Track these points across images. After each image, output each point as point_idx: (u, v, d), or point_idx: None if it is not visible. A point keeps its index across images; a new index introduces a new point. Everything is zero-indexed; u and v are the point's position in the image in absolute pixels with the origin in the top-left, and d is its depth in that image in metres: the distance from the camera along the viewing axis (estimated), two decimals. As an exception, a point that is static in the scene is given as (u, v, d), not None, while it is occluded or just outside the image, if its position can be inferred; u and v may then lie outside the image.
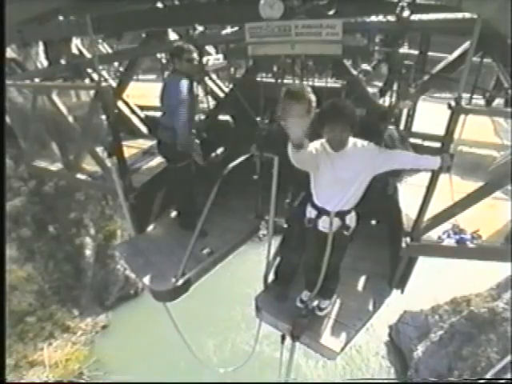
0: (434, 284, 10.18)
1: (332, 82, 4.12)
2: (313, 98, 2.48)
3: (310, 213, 2.66)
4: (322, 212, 2.59)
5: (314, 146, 2.47)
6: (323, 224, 2.61)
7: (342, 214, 2.56)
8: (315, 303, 3.10)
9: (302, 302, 3.14)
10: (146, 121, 5.40)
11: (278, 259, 3.46)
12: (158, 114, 3.93)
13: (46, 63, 5.77)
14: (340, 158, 2.38)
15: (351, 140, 2.38)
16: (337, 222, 2.57)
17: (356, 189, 2.49)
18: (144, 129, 5.28)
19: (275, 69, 3.99)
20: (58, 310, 10.06)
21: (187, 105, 3.34)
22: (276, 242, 3.47)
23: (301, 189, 2.78)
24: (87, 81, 4.94)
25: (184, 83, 3.36)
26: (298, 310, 3.09)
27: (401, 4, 2.98)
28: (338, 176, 2.45)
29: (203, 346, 9.94)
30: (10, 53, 5.41)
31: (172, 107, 3.38)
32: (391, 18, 3.17)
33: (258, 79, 4.39)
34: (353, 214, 2.62)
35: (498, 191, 2.85)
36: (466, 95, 3.39)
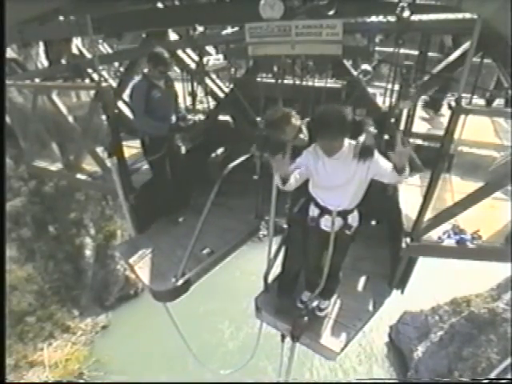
0: (434, 284, 10.17)
1: (332, 83, 4.12)
2: (294, 125, 2.57)
3: (313, 211, 2.65)
4: (324, 211, 2.59)
5: (308, 150, 2.47)
6: (325, 223, 2.61)
7: (344, 214, 2.56)
8: (315, 304, 3.10)
9: (302, 302, 3.14)
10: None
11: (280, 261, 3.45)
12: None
13: (46, 63, 5.77)
14: (334, 162, 2.37)
15: (346, 142, 2.35)
16: (339, 221, 2.57)
17: (356, 190, 2.48)
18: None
19: (275, 69, 3.98)
20: (57, 310, 10.05)
21: (143, 103, 3.56)
22: (276, 243, 3.46)
23: (300, 195, 2.77)
24: (87, 81, 4.94)
25: (143, 86, 3.57)
26: (298, 311, 3.08)
27: (401, 4, 2.98)
28: (334, 179, 2.44)
29: (218, 332, 10.33)
30: (10, 53, 5.42)
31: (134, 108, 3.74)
32: (391, 19, 3.17)
33: (258, 79, 4.39)
34: (355, 213, 2.61)
35: (498, 191, 2.85)
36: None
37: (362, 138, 2.33)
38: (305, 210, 2.72)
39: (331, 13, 3.16)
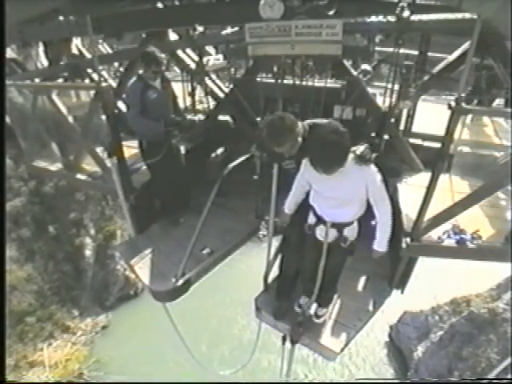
0: (434, 284, 10.17)
1: (332, 83, 4.12)
2: (296, 139, 2.38)
3: (311, 219, 2.63)
4: (320, 220, 2.55)
5: (305, 162, 2.40)
6: (320, 232, 2.58)
7: (339, 226, 2.51)
8: (312, 310, 3.07)
9: (300, 306, 3.11)
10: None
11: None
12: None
13: (46, 63, 5.77)
14: (334, 178, 2.23)
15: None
16: (333, 232, 2.53)
17: (353, 205, 2.42)
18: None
19: (275, 69, 3.98)
20: (57, 310, 10.04)
21: (138, 104, 3.51)
22: (276, 243, 3.46)
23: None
24: (87, 81, 4.94)
25: (137, 87, 3.52)
26: (296, 315, 3.07)
27: (401, 4, 2.98)
28: (331, 195, 2.40)
29: (231, 321, 10.58)
30: (10, 53, 5.42)
31: (130, 109, 3.64)
32: (391, 19, 3.17)
33: (258, 79, 4.39)
34: (354, 225, 2.54)
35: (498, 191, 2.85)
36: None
37: (360, 149, 2.28)
38: (302, 214, 2.70)
39: (331, 13, 3.16)
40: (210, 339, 10.02)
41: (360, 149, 2.25)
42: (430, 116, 4.02)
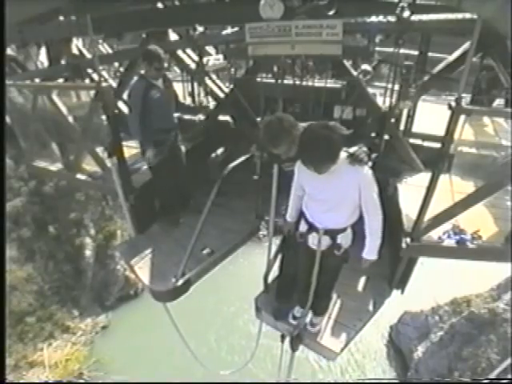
0: (434, 284, 10.17)
1: (332, 83, 4.12)
2: (295, 139, 2.30)
3: (303, 227, 2.57)
4: (312, 227, 2.49)
5: (299, 164, 2.36)
6: (312, 240, 2.52)
7: (332, 233, 2.45)
8: (308, 319, 3.06)
9: (295, 317, 3.09)
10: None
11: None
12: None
13: (46, 63, 5.79)
14: (325, 179, 2.20)
15: (341, 156, 2.17)
16: (326, 240, 2.47)
17: (347, 209, 2.35)
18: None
19: (275, 69, 3.99)
20: (57, 310, 10.02)
21: (141, 107, 3.45)
22: (276, 243, 3.46)
23: None
24: (87, 81, 4.94)
25: (140, 87, 3.49)
26: (292, 327, 3.06)
27: (401, 4, 2.98)
28: (323, 197, 2.35)
29: (237, 315, 10.68)
30: (9, 52, 5.42)
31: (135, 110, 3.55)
32: (391, 19, 3.17)
33: (258, 79, 4.40)
34: (348, 232, 2.46)
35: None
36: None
37: (354, 149, 2.23)
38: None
39: (331, 13, 3.15)
40: (217, 332, 10.17)
41: (354, 148, 2.23)
42: (430, 116, 4.02)
